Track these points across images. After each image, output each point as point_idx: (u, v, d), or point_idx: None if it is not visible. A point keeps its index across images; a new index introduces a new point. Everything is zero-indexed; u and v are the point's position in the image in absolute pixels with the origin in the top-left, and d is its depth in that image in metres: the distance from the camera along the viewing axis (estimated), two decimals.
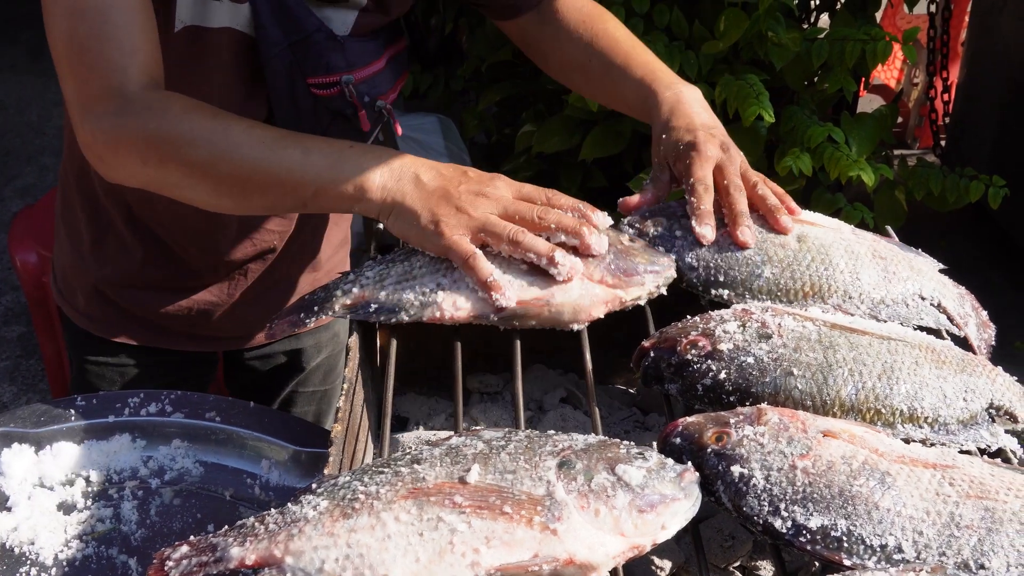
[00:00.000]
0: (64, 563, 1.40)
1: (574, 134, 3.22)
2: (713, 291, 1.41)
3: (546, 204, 1.34)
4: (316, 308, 1.37)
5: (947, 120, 4.58)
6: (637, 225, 1.48)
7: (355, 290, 1.36)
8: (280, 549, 1.02)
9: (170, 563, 1.07)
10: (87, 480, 1.51)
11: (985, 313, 1.50)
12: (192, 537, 1.10)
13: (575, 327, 1.36)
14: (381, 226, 1.63)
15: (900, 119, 4.99)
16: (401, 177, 1.33)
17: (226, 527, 1.09)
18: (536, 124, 3.36)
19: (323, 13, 1.53)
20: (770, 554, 1.34)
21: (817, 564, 1.08)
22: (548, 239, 1.31)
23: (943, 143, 4.66)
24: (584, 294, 1.34)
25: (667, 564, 1.34)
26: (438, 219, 1.30)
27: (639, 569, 1.32)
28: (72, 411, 1.56)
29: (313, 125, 1.59)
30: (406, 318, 1.33)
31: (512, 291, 1.30)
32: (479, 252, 1.30)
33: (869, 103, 4.29)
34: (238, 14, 1.49)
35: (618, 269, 1.36)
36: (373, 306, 1.34)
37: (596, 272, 1.35)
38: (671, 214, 1.47)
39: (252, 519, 1.09)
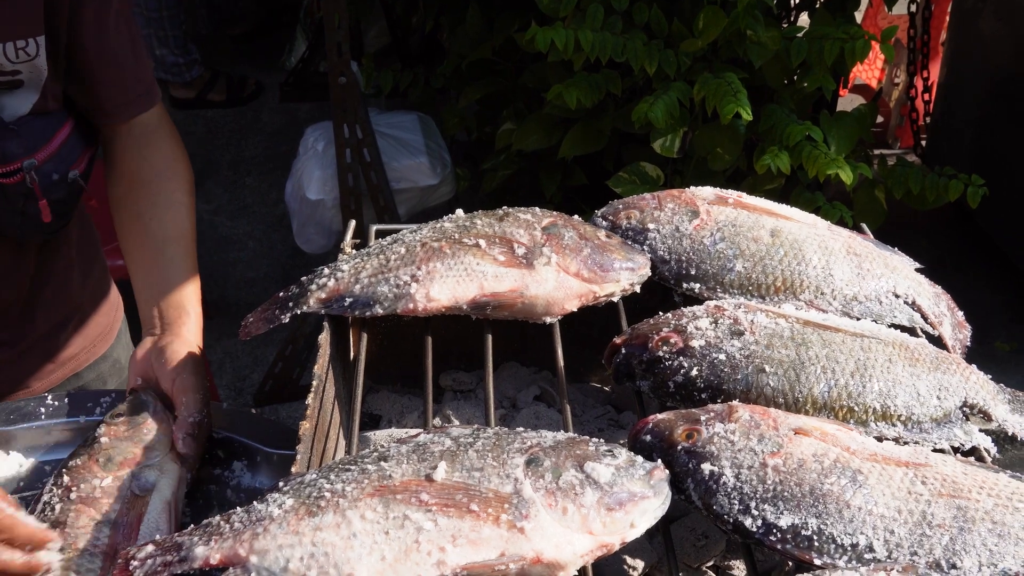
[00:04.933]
0: None
1: (554, 132, 3.21)
2: (685, 284, 1.40)
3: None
4: (291, 304, 1.36)
5: (928, 120, 4.58)
6: (610, 217, 1.47)
7: (330, 284, 1.35)
8: (245, 548, 1.01)
9: (135, 562, 1.06)
10: None
11: (961, 313, 1.49)
12: (157, 536, 1.08)
13: (548, 320, 1.36)
14: (353, 222, 1.61)
15: (881, 119, 4.99)
16: None
17: (192, 526, 1.08)
18: (516, 122, 3.35)
19: None
20: (742, 553, 1.34)
21: (791, 563, 1.07)
22: None
23: (924, 143, 4.67)
24: (559, 286, 1.34)
25: (639, 563, 1.33)
26: None
27: (610, 568, 1.31)
28: (42, 410, 1.55)
29: (6, 209, 1.55)
30: (380, 311, 1.31)
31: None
32: None
33: (850, 103, 4.27)
34: None
35: (594, 264, 1.36)
36: (348, 300, 1.33)
37: (572, 265, 1.35)
38: (643, 206, 1.46)
39: (218, 517, 1.07)
